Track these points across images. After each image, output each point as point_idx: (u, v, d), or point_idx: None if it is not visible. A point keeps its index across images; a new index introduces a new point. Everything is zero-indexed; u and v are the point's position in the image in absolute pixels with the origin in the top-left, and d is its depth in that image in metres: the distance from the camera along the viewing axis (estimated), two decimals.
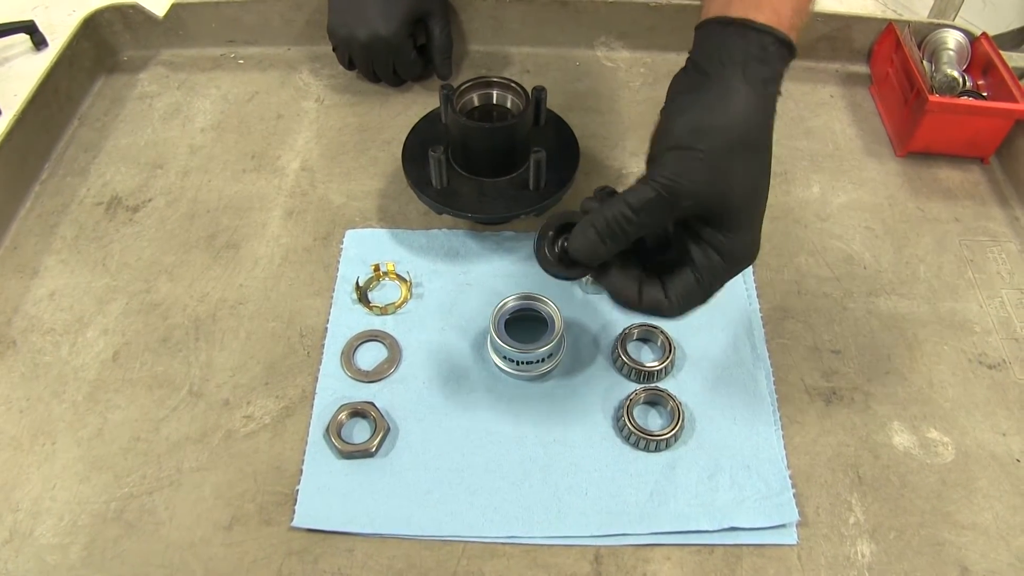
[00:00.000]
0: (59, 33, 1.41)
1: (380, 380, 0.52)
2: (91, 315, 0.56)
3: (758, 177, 0.46)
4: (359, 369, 0.53)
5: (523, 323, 0.52)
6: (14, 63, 1.27)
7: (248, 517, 0.46)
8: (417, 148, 0.58)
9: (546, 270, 0.49)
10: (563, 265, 0.49)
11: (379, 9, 0.66)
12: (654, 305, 0.50)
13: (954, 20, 0.73)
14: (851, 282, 0.59)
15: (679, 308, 0.50)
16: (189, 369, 0.53)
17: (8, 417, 0.51)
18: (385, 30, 0.67)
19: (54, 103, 0.69)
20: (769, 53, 0.43)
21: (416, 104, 0.72)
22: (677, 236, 0.49)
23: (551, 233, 0.50)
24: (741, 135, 0.43)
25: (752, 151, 0.44)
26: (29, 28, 1.29)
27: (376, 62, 0.70)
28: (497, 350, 0.51)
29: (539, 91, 0.57)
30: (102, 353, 0.54)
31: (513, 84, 0.56)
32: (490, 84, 0.57)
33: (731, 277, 0.49)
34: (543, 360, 0.51)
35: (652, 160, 0.46)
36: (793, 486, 0.47)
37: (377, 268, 0.58)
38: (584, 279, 0.55)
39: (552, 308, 0.51)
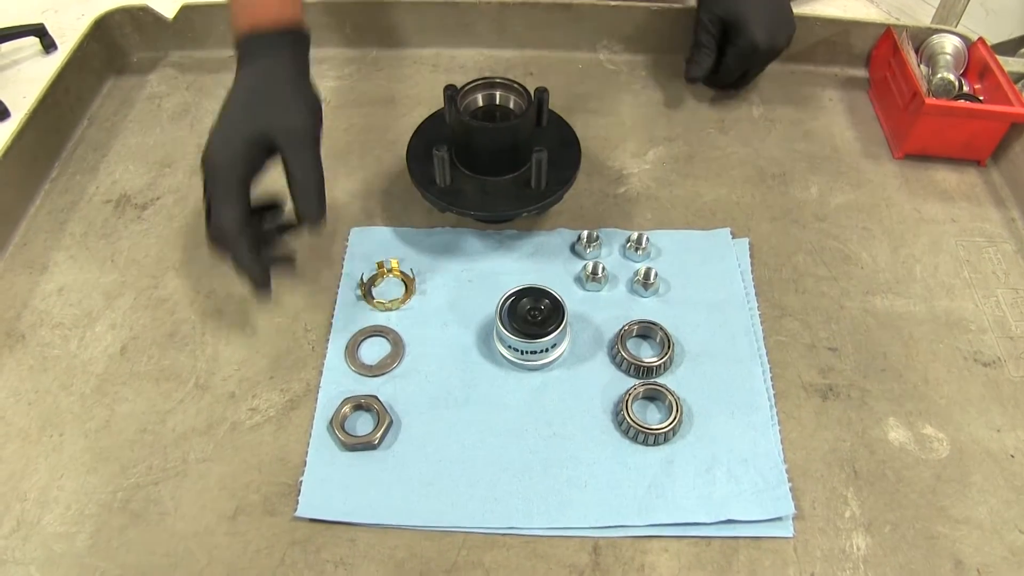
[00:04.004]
0: (68, 37, 1.43)
1: (383, 374, 0.53)
2: (99, 310, 0.57)
3: None
4: (363, 363, 0.54)
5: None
6: (23, 66, 1.29)
7: (252, 507, 0.47)
8: (421, 148, 0.59)
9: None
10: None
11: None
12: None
13: (955, 28, 0.74)
14: (848, 281, 0.60)
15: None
16: (195, 363, 0.54)
17: (17, 409, 0.52)
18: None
19: (64, 103, 0.70)
20: None
21: (420, 106, 0.73)
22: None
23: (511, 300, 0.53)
24: None
25: None
26: (39, 31, 1.31)
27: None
28: (503, 339, 0.52)
29: (541, 92, 0.58)
30: (110, 347, 0.55)
31: (516, 85, 0.57)
32: (493, 85, 0.58)
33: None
34: (548, 350, 0.52)
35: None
36: (789, 480, 0.48)
37: (381, 265, 0.59)
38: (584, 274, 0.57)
39: (559, 297, 0.52)
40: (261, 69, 0.53)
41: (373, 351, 0.55)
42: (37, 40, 1.30)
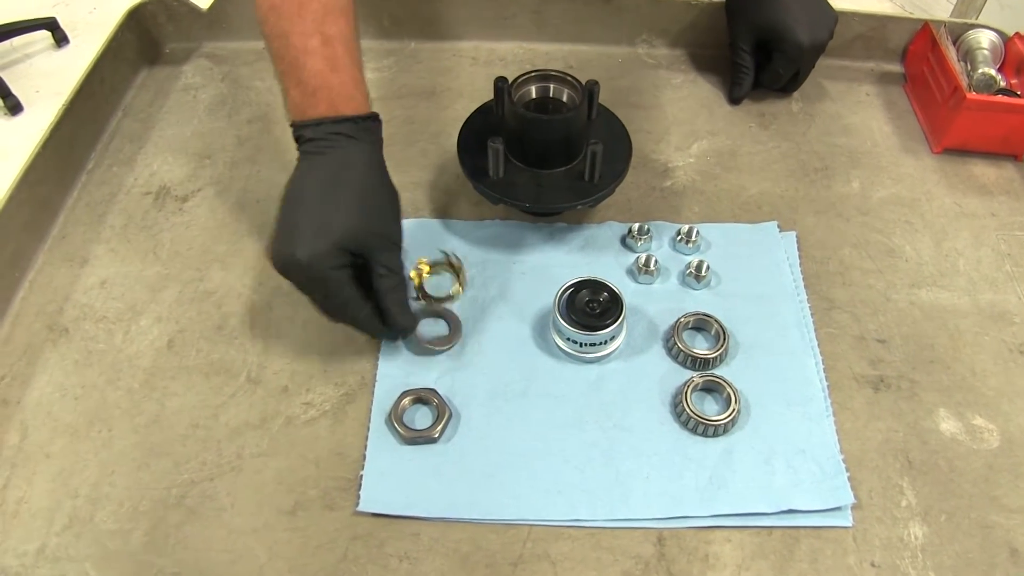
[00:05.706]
0: (80, 30, 1.40)
1: (441, 353, 0.53)
2: (144, 303, 0.57)
3: None
4: (423, 341, 0.53)
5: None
6: (35, 60, 1.27)
7: (311, 502, 0.47)
8: (471, 140, 0.59)
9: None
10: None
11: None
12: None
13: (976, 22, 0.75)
14: (893, 274, 0.60)
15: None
16: (246, 356, 0.54)
17: (63, 404, 0.51)
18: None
19: (99, 94, 0.69)
20: None
21: (462, 99, 0.73)
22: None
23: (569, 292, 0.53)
24: None
25: None
26: (51, 25, 1.29)
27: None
28: (561, 332, 0.52)
29: (592, 85, 0.57)
30: (156, 341, 0.55)
31: (569, 78, 0.57)
32: (547, 77, 0.57)
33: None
34: (606, 342, 0.52)
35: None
36: (846, 470, 0.48)
37: (423, 262, 0.58)
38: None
39: (617, 290, 0.52)
40: (342, 159, 0.48)
41: (430, 335, 0.54)
42: (49, 34, 1.28)
